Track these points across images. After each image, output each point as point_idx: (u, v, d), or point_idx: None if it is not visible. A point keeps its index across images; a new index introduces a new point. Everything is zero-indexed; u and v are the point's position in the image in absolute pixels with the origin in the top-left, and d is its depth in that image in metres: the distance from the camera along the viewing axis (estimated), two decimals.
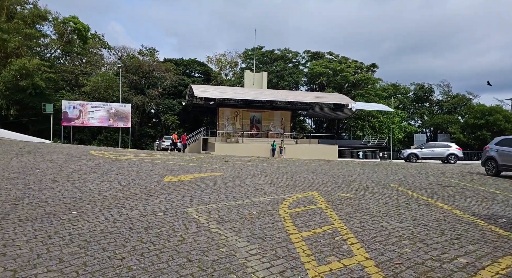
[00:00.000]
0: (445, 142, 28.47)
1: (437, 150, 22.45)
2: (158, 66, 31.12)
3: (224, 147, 25.32)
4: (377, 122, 45.18)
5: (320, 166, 13.96)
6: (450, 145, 23.14)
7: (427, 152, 22.41)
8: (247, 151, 26.75)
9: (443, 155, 22.13)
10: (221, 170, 9.97)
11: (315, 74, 42.76)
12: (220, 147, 24.51)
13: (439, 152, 22.31)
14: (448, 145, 23.14)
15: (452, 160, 21.93)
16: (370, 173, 11.85)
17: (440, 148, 22.54)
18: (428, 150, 22.51)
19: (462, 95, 51.14)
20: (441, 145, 23.21)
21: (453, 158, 22.07)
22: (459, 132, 42.58)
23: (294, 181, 8.37)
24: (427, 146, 23.34)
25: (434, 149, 22.52)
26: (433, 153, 22.35)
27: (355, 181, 9.00)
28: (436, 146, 22.97)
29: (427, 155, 22.32)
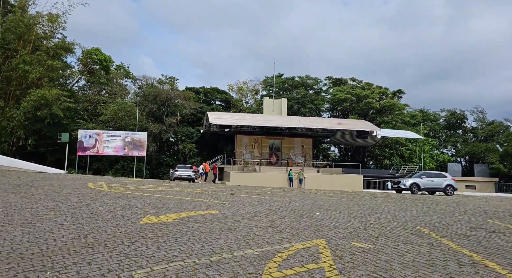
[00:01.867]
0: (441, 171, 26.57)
1: (435, 180, 21.18)
2: (177, 94, 31.51)
3: (240, 177, 24.20)
4: (406, 150, 42.39)
5: (338, 201, 12.38)
6: (445, 175, 22.16)
7: (428, 183, 20.98)
8: (264, 180, 25.43)
9: (441, 186, 21.06)
10: (220, 206, 8.81)
11: (337, 100, 41.53)
12: (235, 176, 23.42)
13: (438, 182, 21.13)
14: (443, 175, 22.10)
15: (449, 191, 20.94)
16: (396, 210, 10.16)
17: (438, 178, 21.36)
18: (428, 180, 21.01)
19: (499, 122, 47.38)
20: (437, 175, 22.01)
21: (450, 190, 21.04)
22: (498, 162, 38.74)
23: (300, 222, 7.02)
24: (425, 175, 21.74)
25: (433, 179, 21.16)
26: (432, 184, 21.06)
27: (376, 223, 7.47)
28: (433, 176, 21.65)
29: (428, 186, 20.95)
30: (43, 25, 26.67)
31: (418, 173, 22.46)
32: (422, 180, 20.60)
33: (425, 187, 20.63)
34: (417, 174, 22.08)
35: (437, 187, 20.87)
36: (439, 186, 20.83)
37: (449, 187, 20.97)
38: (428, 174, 21.76)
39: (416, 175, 22.12)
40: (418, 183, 20.23)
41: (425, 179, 20.73)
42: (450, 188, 21.01)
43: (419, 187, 20.24)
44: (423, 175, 21.59)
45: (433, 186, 20.81)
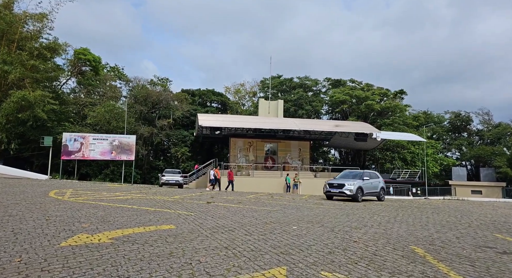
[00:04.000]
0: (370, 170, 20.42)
1: (373, 182, 16.32)
2: (169, 96, 30.45)
3: (225, 181, 22.97)
4: (408, 153, 40.90)
5: (326, 210, 11.13)
6: (378, 175, 17.43)
7: (368, 186, 15.82)
8: (258, 186, 24.24)
9: (377, 190, 16.43)
10: (182, 219, 7.64)
11: (336, 102, 40.26)
12: (227, 181, 22.21)
13: (375, 185, 16.38)
14: (377, 175, 17.33)
15: (383, 196, 17.10)
16: (390, 222, 8.91)
17: (375, 180, 16.54)
18: (368, 182, 15.83)
19: (506, 124, 45.71)
20: (371, 175, 16.74)
21: (383, 194, 17.18)
22: (506, 166, 37.14)
23: (267, 241, 5.82)
24: (366, 175, 16.16)
25: (372, 181, 16.14)
26: (372, 187, 16.16)
27: (362, 241, 6.24)
28: (372, 177, 16.56)
29: (369, 190, 15.95)
30: (28, 25, 25.89)
31: (352, 172, 17.23)
32: (364, 183, 15.44)
33: (367, 192, 15.75)
34: (353, 173, 16.82)
35: (374, 191, 16.34)
36: (375, 190, 16.36)
37: (382, 191, 16.95)
38: (368, 174, 16.53)
39: (351, 174, 16.75)
40: (362, 188, 15.16)
41: (367, 182, 15.64)
42: (383, 192, 17.12)
43: (363, 192, 15.25)
44: (364, 175, 15.96)
45: (372, 190, 16.17)
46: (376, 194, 16.61)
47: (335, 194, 15.18)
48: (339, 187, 14.99)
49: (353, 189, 14.65)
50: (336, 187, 15.12)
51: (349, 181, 15.18)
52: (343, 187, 14.85)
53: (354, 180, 15.30)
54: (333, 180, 16.07)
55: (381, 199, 16.81)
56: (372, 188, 16.19)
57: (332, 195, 15.58)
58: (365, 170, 17.09)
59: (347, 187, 14.77)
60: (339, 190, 14.93)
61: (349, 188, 14.71)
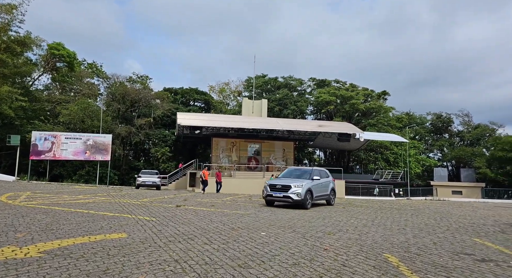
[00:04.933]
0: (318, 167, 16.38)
1: (324, 182, 13.32)
2: (149, 94, 29.35)
3: (213, 183, 22.24)
4: (391, 154, 41.15)
5: (302, 213, 10.63)
6: (327, 173, 14.42)
7: (319, 188, 12.82)
8: (239, 187, 23.59)
9: (327, 192, 13.65)
10: (140, 226, 6.96)
11: (321, 102, 40.10)
12: (315, 178, 21.16)
13: (326, 185, 13.54)
14: (326, 173, 14.19)
15: (333, 199, 14.24)
16: (366, 226, 8.47)
17: (325, 180, 13.55)
18: (319, 183, 12.78)
19: (485, 125, 46.73)
20: (321, 174, 13.54)
21: (333, 197, 14.31)
22: (485, 167, 37.83)
23: (226, 251, 5.23)
24: (316, 174, 12.96)
25: (322, 182, 13.09)
26: (322, 189, 13.15)
27: (333, 249, 5.73)
28: (322, 176, 13.41)
29: (319, 193, 12.94)
30: None
31: (299, 170, 14.03)
32: (314, 184, 12.38)
33: (317, 196, 12.73)
34: (300, 171, 13.43)
35: (324, 194, 13.48)
36: (325, 192, 13.55)
37: (333, 193, 14.19)
38: (318, 173, 13.28)
39: (297, 172, 13.32)
40: (312, 190, 12.07)
41: (317, 182, 12.59)
42: (333, 194, 14.35)
43: (312, 196, 12.15)
44: (314, 174, 12.74)
45: (322, 193, 13.25)
46: (326, 197, 13.64)
47: (278, 199, 11.78)
48: (284, 190, 11.54)
49: (301, 192, 11.33)
50: (280, 190, 11.61)
51: (296, 181, 11.82)
52: (288, 190, 11.46)
53: (302, 180, 12.02)
54: (276, 181, 12.57)
55: (331, 203, 13.90)
56: (323, 190, 13.23)
57: (273, 200, 12.11)
58: (315, 168, 13.76)
59: (293, 190, 11.40)
60: (284, 193, 11.43)
61: (296, 191, 11.35)
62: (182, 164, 28.58)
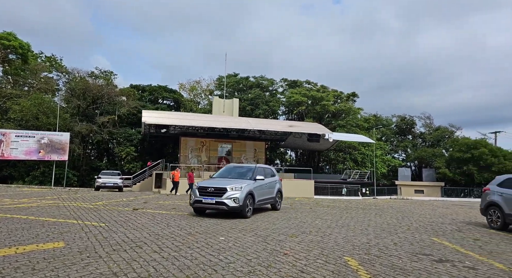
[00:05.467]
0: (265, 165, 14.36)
1: (269, 182, 11.07)
2: (113, 91, 27.75)
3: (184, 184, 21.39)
4: (359, 154, 42.35)
5: (266, 214, 10.36)
6: (273, 171, 12.12)
7: (263, 189, 10.58)
8: None
9: (272, 195, 11.27)
10: (84, 233, 6.30)
11: (293, 102, 40.41)
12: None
13: (271, 186, 11.23)
14: (271, 172, 11.87)
15: (279, 203, 11.83)
16: (330, 227, 8.35)
17: (270, 180, 11.24)
18: (262, 184, 10.46)
19: (444, 128, 49.54)
20: (266, 172, 11.16)
21: (279, 200, 11.91)
22: (445, 167, 40.02)
23: (177, 260, 4.79)
24: (259, 172, 10.56)
25: (267, 182, 10.84)
26: (267, 191, 10.86)
27: (292, 253, 5.46)
28: (267, 174, 11.19)
29: (263, 197, 10.53)
30: None
31: (240, 167, 11.24)
32: (257, 185, 10.09)
33: (261, 200, 10.38)
34: (240, 169, 10.84)
35: (269, 197, 11.09)
36: (270, 195, 11.15)
37: (279, 195, 11.84)
38: (262, 171, 10.85)
39: (237, 170, 10.80)
40: (254, 194, 9.75)
41: (261, 183, 10.31)
42: (280, 196, 11.97)
43: (254, 201, 9.80)
44: (257, 172, 10.34)
45: (267, 196, 10.86)
46: (271, 201, 11.19)
47: (209, 207, 9.14)
48: (217, 194, 8.98)
49: (239, 197, 8.92)
50: (212, 195, 9.01)
51: (234, 183, 9.39)
52: (223, 194, 8.94)
53: (242, 181, 9.66)
54: (209, 182, 9.85)
55: (276, 208, 11.54)
56: (268, 192, 10.86)
57: (203, 208, 9.41)
58: (259, 165, 11.27)
59: (230, 194, 8.93)
60: (217, 199, 8.89)
61: (233, 195, 8.91)
62: (151, 162, 27.42)
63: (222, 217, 9.40)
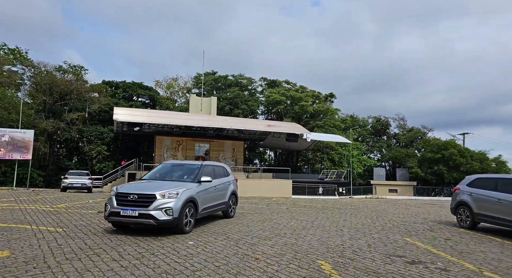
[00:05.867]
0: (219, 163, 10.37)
1: (221, 184, 9.08)
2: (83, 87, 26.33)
3: None
4: (336, 154, 43.03)
5: (240, 215, 10.07)
6: (227, 170, 9.90)
7: (210, 193, 8.36)
8: None
9: (224, 199, 9.18)
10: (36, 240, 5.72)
11: (272, 102, 40.36)
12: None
13: (223, 188, 9.21)
14: (224, 171, 9.68)
15: (232, 209, 9.75)
16: (305, 228, 8.18)
17: (222, 180, 9.25)
18: (209, 187, 8.31)
19: (417, 129, 51.40)
20: (217, 171, 9.18)
21: (233, 205, 9.84)
22: (417, 167, 41.48)
23: (138, 268, 4.39)
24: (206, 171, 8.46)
25: (217, 184, 8.85)
26: (216, 195, 8.73)
27: (264, 257, 5.19)
28: (218, 175, 9.18)
29: (210, 203, 8.38)
30: None
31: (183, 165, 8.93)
32: (202, 189, 7.87)
33: (207, 208, 8.12)
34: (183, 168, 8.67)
35: (220, 202, 8.96)
36: (221, 200, 9.04)
37: (233, 198, 9.79)
38: (211, 170, 8.81)
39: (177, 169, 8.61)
40: (196, 201, 7.45)
41: (207, 186, 8.15)
42: (234, 200, 9.93)
43: (197, 210, 7.51)
44: (203, 172, 8.19)
45: (216, 202, 8.72)
46: (222, 207, 9.00)
47: (131, 221, 6.56)
48: (142, 203, 6.52)
49: (174, 207, 6.58)
50: (135, 204, 6.52)
51: (167, 187, 6.95)
52: (149, 203, 6.49)
53: (181, 183, 7.39)
54: (131, 186, 7.23)
55: (229, 215, 9.40)
56: (217, 196, 8.63)
57: (123, 223, 6.83)
58: (207, 163, 8.97)
59: (160, 203, 6.51)
60: (141, 210, 6.41)
61: (165, 205, 6.53)
62: (125, 161, 26.33)
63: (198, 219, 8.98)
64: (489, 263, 5.44)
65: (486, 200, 8.65)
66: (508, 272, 4.98)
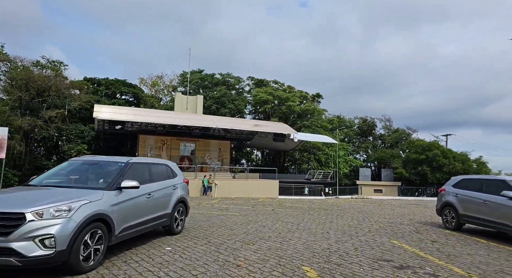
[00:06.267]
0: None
1: (160, 191, 6.40)
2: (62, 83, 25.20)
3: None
4: (323, 155, 43.17)
5: (227, 218, 9.72)
6: (172, 169, 7.34)
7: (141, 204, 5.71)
8: None
9: (166, 210, 6.55)
10: None
11: (259, 101, 40.06)
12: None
13: (165, 195, 6.60)
14: (168, 171, 7.14)
15: (179, 223, 7.13)
16: (291, 231, 7.90)
17: (162, 184, 6.54)
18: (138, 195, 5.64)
19: (402, 130, 52.22)
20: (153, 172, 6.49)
21: (182, 218, 7.30)
22: (401, 167, 42.11)
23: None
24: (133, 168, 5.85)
25: (155, 191, 6.15)
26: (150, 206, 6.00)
27: (246, 263, 4.86)
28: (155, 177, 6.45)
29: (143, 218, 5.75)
30: None
31: (95, 164, 6.04)
32: (121, 200, 5.14)
33: (130, 226, 5.31)
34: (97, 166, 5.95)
35: (158, 215, 6.27)
36: (161, 211, 6.38)
37: (181, 208, 7.26)
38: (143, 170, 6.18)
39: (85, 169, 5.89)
40: (108, 217, 4.68)
41: (133, 195, 5.49)
42: (183, 211, 7.35)
43: (112, 231, 4.73)
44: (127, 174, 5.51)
45: (150, 216, 5.96)
46: (162, 221, 6.53)
47: None
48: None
49: (58, 233, 3.94)
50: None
51: (53, 198, 4.34)
52: (13, 228, 3.82)
53: (85, 192, 4.80)
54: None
55: (174, 230, 6.92)
56: (152, 207, 6.14)
57: None
58: (136, 159, 6.25)
59: (32, 227, 3.85)
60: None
61: (40, 231, 3.88)
62: None
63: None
64: (477, 267, 5.29)
65: (471, 201, 8.60)
66: (496, 276, 4.84)
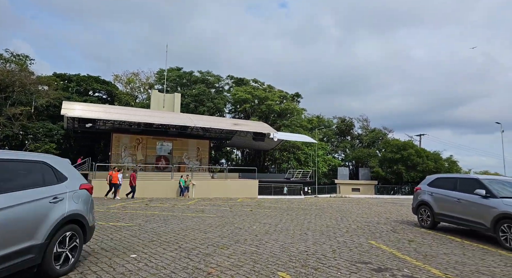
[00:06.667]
0: None
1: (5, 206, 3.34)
2: (28, 78, 23.59)
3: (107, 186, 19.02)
4: (302, 154, 43.39)
5: (201, 221, 9.31)
6: (59, 174, 4.41)
7: None
8: (144, 190, 20.88)
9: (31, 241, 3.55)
10: None
11: (238, 100, 39.63)
12: (99, 185, 18.18)
13: (23, 211, 3.57)
14: (49, 173, 4.25)
15: (67, 262, 4.12)
16: (268, 233, 7.61)
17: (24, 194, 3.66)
18: None
19: (379, 130, 53.52)
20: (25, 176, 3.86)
21: (67, 255, 4.12)
22: (378, 166, 43.09)
23: None
24: None
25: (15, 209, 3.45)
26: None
27: (218, 271, 4.51)
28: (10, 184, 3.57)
29: None
30: None
31: None
32: None
33: None
34: None
35: (17, 250, 3.33)
36: (22, 243, 3.42)
37: (71, 231, 4.18)
38: None
39: None
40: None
41: None
42: (75, 238, 4.27)
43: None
44: None
45: None
46: (24, 260, 3.46)
47: None
48: None
49: None
50: None
51: None
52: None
53: None
54: None
55: (53, 272, 3.89)
56: None
57: None
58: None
59: None
60: None
61: None
62: (82, 159, 24.15)
63: (148, 225, 8.05)
64: (454, 267, 5.22)
65: (446, 200, 8.68)
66: (472, 277, 4.77)
